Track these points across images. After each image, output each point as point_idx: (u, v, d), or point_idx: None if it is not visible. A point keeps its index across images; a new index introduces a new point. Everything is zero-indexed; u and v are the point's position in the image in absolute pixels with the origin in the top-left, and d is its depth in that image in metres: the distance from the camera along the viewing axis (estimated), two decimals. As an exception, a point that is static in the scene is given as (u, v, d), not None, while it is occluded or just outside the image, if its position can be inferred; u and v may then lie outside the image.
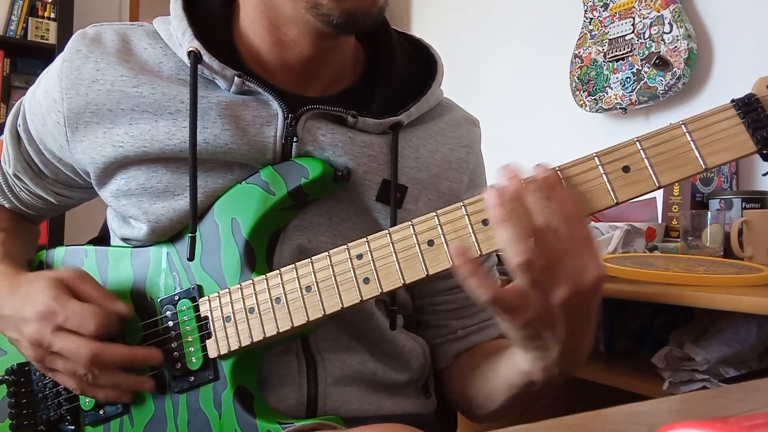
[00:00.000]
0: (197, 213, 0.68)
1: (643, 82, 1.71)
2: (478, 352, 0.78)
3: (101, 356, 0.65)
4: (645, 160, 0.55)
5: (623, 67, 1.76)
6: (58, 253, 0.79)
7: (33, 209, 0.85)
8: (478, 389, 0.74)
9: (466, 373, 0.77)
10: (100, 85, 0.69)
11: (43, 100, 0.73)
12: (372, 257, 0.60)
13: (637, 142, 0.55)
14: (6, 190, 0.83)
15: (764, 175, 0.54)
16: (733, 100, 0.55)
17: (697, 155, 0.54)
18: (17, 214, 0.86)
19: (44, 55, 2.55)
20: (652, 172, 0.55)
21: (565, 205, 0.53)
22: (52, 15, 2.57)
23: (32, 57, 2.59)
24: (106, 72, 0.69)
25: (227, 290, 0.67)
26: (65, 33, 2.51)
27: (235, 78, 0.68)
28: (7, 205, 0.85)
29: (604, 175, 0.55)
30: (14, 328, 0.69)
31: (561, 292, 0.53)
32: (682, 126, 0.55)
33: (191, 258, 0.68)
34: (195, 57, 0.67)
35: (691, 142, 0.54)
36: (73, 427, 0.73)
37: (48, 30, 2.56)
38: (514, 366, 0.65)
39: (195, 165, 0.67)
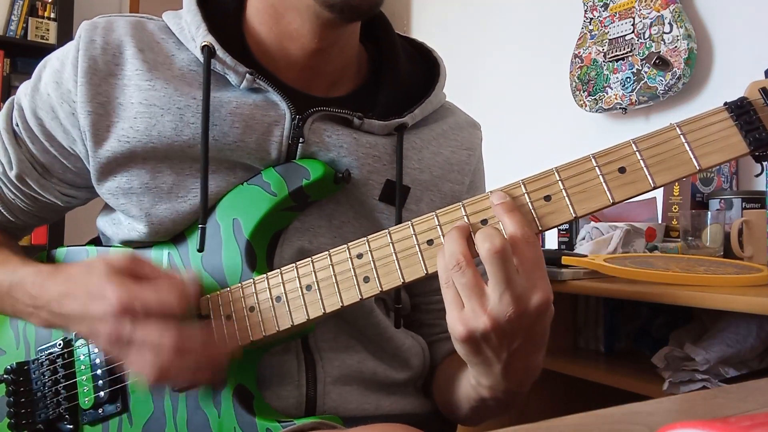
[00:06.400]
0: (206, 206, 0.68)
1: (643, 82, 1.71)
2: (457, 357, 0.78)
3: (181, 342, 0.60)
4: (641, 161, 0.56)
5: (623, 67, 1.76)
6: (60, 254, 0.78)
7: (23, 216, 0.80)
8: (451, 395, 0.75)
9: (447, 377, 0.78)
10: (116, 78, 0.68)
11: (53, 92, 0.71)
12: (372, 256, 0.61)
13: (633, 144, 0.56)
14: None
15: (757, 176, 0.55)
16: (726, 103, 0.56)
17: (692, 156, 0.55)
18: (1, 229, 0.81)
19: (44, 55, 2.53)
20: (647, 173, 0.56)
21: (515, 228, 0.54)
22: (52, 15, 2.57)
23: (32, 57, 2.59)
24: (123, 66, 0.69)
25: (228, 289, 0.67)
26: (65, 33, 2.51)
27: (247, 75, 0.68)
28: None
29: (600, 176, 0.56)
30: (88, 328, 0.63)
31: (506, 310, 0.53)
32: (677, 128, 0.56)
33: (201, 249, 0.68)
34: (209, 51, 0.67)
35: (686, 144, 0.55)
36: (71, 426, 0.73)
37: (48, 30, 2.56)
38: (469, 380, 0.66)
39: (207, 157, 0.66)
